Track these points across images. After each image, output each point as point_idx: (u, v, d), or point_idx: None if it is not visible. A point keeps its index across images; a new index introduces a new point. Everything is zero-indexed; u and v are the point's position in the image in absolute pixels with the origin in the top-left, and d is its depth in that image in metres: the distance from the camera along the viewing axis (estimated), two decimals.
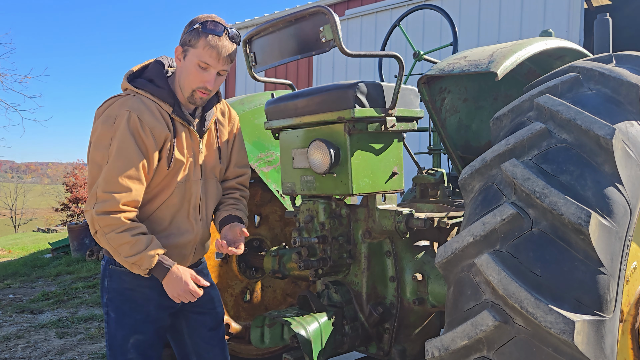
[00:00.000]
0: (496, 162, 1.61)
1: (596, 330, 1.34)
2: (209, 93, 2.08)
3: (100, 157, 1.96)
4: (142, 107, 2.00)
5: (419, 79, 2.17)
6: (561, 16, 6.85)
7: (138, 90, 2.05)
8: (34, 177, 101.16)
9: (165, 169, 2.04)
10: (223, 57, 2.02)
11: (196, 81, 2.03)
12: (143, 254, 1.92)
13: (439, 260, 1.60)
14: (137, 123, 1.96)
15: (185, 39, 2.02)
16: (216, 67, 2.03)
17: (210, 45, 1.98)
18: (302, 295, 2.34)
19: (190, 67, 2.02)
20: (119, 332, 2.11)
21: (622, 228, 1.46)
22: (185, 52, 2.03)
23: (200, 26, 2.00)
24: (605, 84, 1.71)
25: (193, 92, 2.06)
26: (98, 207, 1.91)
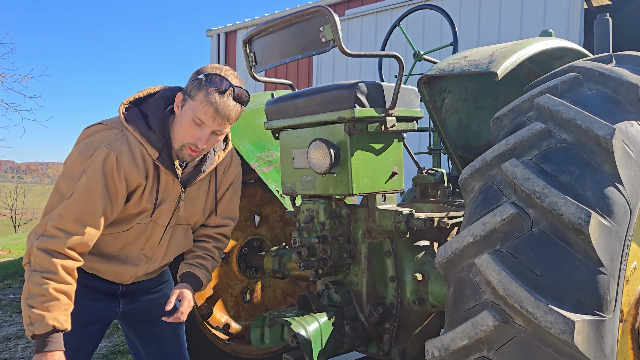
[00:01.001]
0: (496, 162, 1.61)
1: (596, 330, 1.34)
2: (199, 151, 1.92)
3: (66, 188, 1.82)
4: (124, 147, 1.84)
5: (419, 79, 2.17)
6: (561, 16, 6.85)
7: (127, 125, 1.88)
8: (34, 177, 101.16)
9: (131, 210, 1.92)
10: (220, 117, 1.84)
11: (187, 136, 1.87)
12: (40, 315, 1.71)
13: (439, 260, 1.60)
14: (114, 165, 1.82)
15: (187, 88, 1.88)
16: (210, 127, 1.86)
17: (208, 101, 1.82)
18: (302, 295, 2.34)
19: (184, 119, 1.86)
20: None
21: (622, 228, 1.46)
22: (184, 102, 1.88)
23: (205, 78, 1.84)
24: (605, 84, 1.71)
25: (182, 146, 1.90)
26: (42, 241, 1.75)
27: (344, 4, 9.26)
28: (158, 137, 1.89)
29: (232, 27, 11.15)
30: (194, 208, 2.11)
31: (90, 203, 1.79)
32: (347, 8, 9.20)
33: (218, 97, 1.82)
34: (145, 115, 1.92)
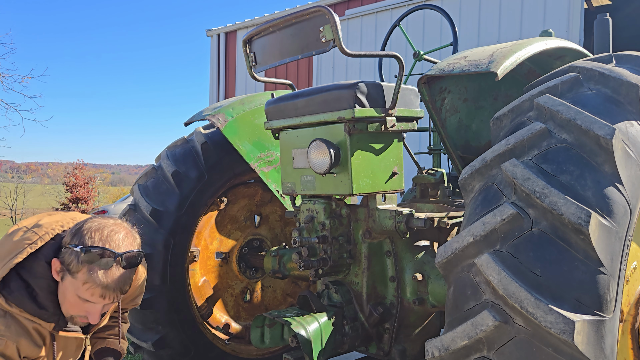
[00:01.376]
0: (496, 162, 1.61)
1: (596, 330, 1.34)
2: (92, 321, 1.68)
3: None
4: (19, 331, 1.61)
5: (419, 79, 2.17)
6: (561, 16, 6.86)
7: (11, 309, 1.60)
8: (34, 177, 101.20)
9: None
10: (111, 293, 1.60)
11: (75, 310, 1.65)
12: None
13: (439, 260, 1.60)
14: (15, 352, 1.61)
15: (64, 258, 1.58)
16: (101, 304, 1.63)
17: (92, 282, 1.56)
18: (302, 295, 2.34)
19: (67, 295, 1.62)
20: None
21: (622, 228, 1.46)
22: (63, 273, 1.60)
23: (82, 252, 1.55)
24: (605, 84, 1.71)
25: (72, 317, 1.68)
26: None
27: (344, 4, 9.26)
28: (52, 312, 1.66)
29: (232, 27, 11.16)
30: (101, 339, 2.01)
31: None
32: (347, 8, 9.20)
33: (102, 274, 1.56)
34: (29, 287, 1.63)
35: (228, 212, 3.12)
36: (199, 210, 2.87)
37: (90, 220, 1.64)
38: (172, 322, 2.80)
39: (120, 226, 1.66)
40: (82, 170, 25.27)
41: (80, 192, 23.66)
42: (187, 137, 3.00)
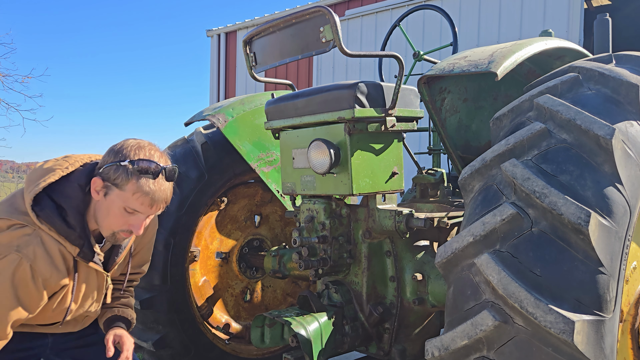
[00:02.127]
0: (496, 162, 1.61)
1: (596, 330, 1.34)
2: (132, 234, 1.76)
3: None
4: (39, 251, 1.61)
5: (419, 79, 2.17)
6: (561, 16, 6.86)
7: (41, 226, 1.64)
8: None
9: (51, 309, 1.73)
10: (158, 203, 1.69)
11: (119, 224, 1.71)
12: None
13: (439, 260, 1.60)
14: (28, 274, 1.59)
15: (108, 174, 1.65)
16: (147, 214, 1.71)
17: (142, 192, 1.64)
18: (302, 295, 2.34)
19: (113, 209, 1.68)
20: None
21: (621, 228, 1.46)
22: (107, 189, 1.67)
23: (130, 165, 1.63)
24: (605, 84, 1.71)
25: (115, 233, 1.74)
26: None
27: (344, 4, 9.26)
28: (79, 234, 1.69)
29: (232, 27, 11.16)
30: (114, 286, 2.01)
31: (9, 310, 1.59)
32: (347, 8, 9.20)
33: (152, 183, 1.65)
34: (60, 207, 1.67)
35: (228, 212, 3.12)
36: (199, 210, 2.88)
37: (127, 141, 1.73)
38: (172, 322, 2.80)
39: (154, 146, 1.76)
40: None
41: None
42: (187, 137, 3.00)
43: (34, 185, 1.66)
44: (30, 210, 1.63)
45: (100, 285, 1.86)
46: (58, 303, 1.73)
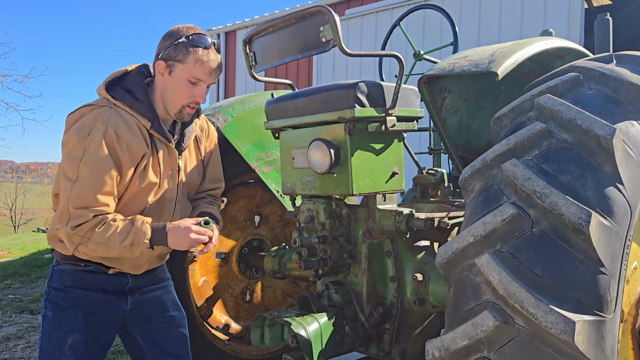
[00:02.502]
0: (497, 162, 1.61)
1: (597, 330, 1.34)
2: (196, 107, 2.04)
3: (71, 171, 1.85)
4: (119, 120, 1.89)
5: (419, 79, 2.17)
6: (561, 16, 6.85)
7: (116, 102, 1.94)
8: (33, 177, 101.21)
9: (137, 185, 1.94)
10: (216, 70, 1.98)
11: (186, 97, 1.97)
12: (134, 229, 1.86)
13: (440, 261, 1.60)
14: (114, 138, 1.86)
15: (170, 54, 1.93)
16: (207, 81, 1.98)
17: (201, 60, 1.92)
18: (302, 295, 2.34)
19: (179, 83, 1.95)
20: (56, 332, 1.97)
21: (622, 228, 1.46)
22: (171, 67, 1.94)
23: (187, 40, 1.91)
24: (605, 83, 1.70)
25: (182, 107, 2.00)
26: (72, 222, 1.83)
27: (344, 4, 9.26)
28: (147, 107, 1.96)
29: (232, 27, 11.15)
30: (191, 175, 2.17)
31: (101, 178, 1.84)
32: (347, 8, 9.20)
33: (207, 53, 1.93)
34: (128, 90, 1.97)
35: (228, 212, 3.11)
36: None
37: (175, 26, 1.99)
38: None
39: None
40: None
41: None
42: None
43: (103, 83, 1.99)
44: (105, 92, 1.94)
45: (175, 168, 2.06)
46: (143, 177, 1.94)
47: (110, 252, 1.88)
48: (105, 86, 1.99)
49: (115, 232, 1.84)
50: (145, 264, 2.12)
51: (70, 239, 1.86)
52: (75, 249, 1.88)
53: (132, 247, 1.87)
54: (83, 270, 1.99)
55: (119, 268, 2.05)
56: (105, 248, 1.86)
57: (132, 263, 2.06)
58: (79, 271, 1.99)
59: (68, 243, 1.88)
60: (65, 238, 1.88)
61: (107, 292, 2.03)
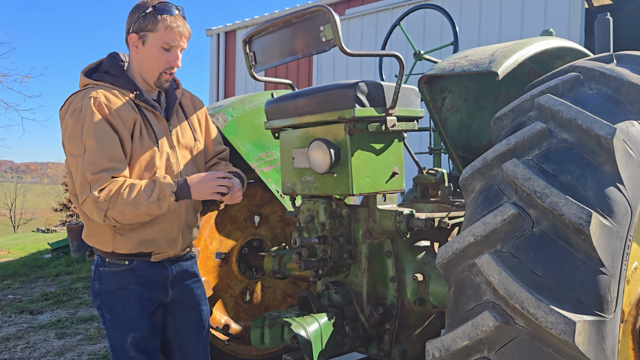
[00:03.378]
0: (497, 162, 1.61)
1: (597, 330, 1.34)
2: (173, 73, 2.14)
3: (76, 148, 1.95)
4: (105, 92, 2.02)
5: (419, 79, 2.17)
6: (562, 16, 6.85)
7: (97, 82, 2.06)
8: (33, 177, 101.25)
9: (139, 150, 2.04)
10: (184, 34, 2.08)
11: (162, 63, 2.08)
12: (158, 184, 1.96)
13: (440, 261, 1.59)
14: (103, 106, 1.97)
15: (140, 25, 2.04)
16: (179, 46, 2.09)
17: (171, 26, 2.03)
18: (302, 295, 2.34)
19: (152, 51, 2.06)
20: (116, 332, 2.12)
21: (623, 228, 1.46)
22: (144, 37, 2.05)
23: (153, 9, 2.03)
24: (606, 83, 1.70)
25: (160, 74, 2.10)
26: (94, 187, 1.91)
27: (344, 4, 9.26)
28: (127, 81, 2.08)
29: (232, 26, 11.15)
30: (185, 138, 2.24)
31: (106, 142, 1.94)
32: (348, 7, 9.20)
33: (174, 19, 2.04)
34: (106, 72, 2.11)
35: (228, 212, 3.11)
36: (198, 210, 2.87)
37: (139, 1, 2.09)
38: None
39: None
40: None
41: None
42: None
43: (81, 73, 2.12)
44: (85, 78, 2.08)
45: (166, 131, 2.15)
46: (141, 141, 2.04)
47: (139, 211, 1.94)
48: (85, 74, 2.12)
49: (140, 190, 1.93)
50: (179, 236, 2.19)
51: (97, 206, 1.92)
52: (105, 217, 1.93)
53: (159, 201, 1.95)
54: (128, 269, 2.10)
55: (157, 250, 2.14)
56: (133, 207, 1.93)
57: (167, 238, 2.14)
58: (124, 271, 2.09)
59: (97, 211, 1.93)
60: (93, 207, 1.93)
61: (152, 286, 2.14)
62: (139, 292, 2.12)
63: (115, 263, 2.10)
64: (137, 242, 2.07)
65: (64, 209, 23.80)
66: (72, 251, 10.32)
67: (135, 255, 2.10)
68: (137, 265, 2.11)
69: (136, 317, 2.12)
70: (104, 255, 2.12)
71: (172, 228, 2.15)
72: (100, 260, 2.14)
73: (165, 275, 2.20)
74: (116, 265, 2.10)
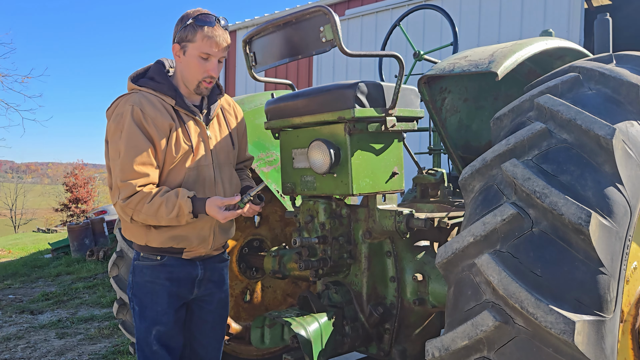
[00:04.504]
0: (496, 162, 1.61)
1: (596, 330, 1.34)
2: (212, 81, 2.21)
3: (114, 152, 2.09)
4: (143, 100, 2.11)
5: (419, 79, 2.17)
6: (561, 16, 6.85)
7: (141, 88, 2.17)
8: (34, 177, 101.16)
9: (173, 155, 2.14)
10: (221, 44, 2.14)
11: (200, 72, 2.15)
12: (178, 204, 2.05)
13: (440, 261, 1.60)
14: (140, 115, 2.07)
15: (182, 36, 2.14)
16: (216, 55, 2.15)
17: (207, 36, 2.10)
18: (302, 295, 2.34)
19: (192, 60, 2.14)
20: (142, 324, 2.21)
21: (622, 228, 1.46)
22: (184, 47, 2.14)
23: (194, 21, 2.11)
24: (605, 83, 1.70)
25: (199, 83, 2.18)
26: (122, 194, 2.04)
27: (344, 4, 9.26)
28: (169, 87, 2.18)
29: (232, 27, 11.14)
30: (222, 143, 2.33)
31: (137, 150, 2.05)
32: (347, 8, 9.20)
33: (212, 30, 2.11)
34: (151, 77, 2.21)
35: None
36: None
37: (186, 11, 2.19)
38: None
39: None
40: (82, 170, 25.27)
41: (80, 192, 23.65)
42: None
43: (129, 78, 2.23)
44: (132, 83, 2.19)
45: (204, 136, 2.24)
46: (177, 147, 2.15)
47: (160, 223, 2.08)
48: (132, 80, 2.23)
49: (162, 205, 2.04)
50: (210, 236, 2.26)
51: (124, 211, 2.08)
52: (131, 219, 2.08)
53: (178, 217, 2.06)
54: (159, 264, 2.19)
55: (188, 247, 2.21)
56: (155, 219, 2.06)
57: (198, 236, 2.22)
58: (156, 265, 2.19)
59: (124, 215, 2.10)
60: (120, 211, 2.10)
61: (180, 283, 2.22)
62: (168, 288, 2.20)
63: (149, 257, 2.20)
64: (169, 237, 2.16)
65: (64, 209, 23.83)
66: (72, 251, 10.33)
67: (166, 250, 2.19)
68: (168, 261, 2.20)
69: (162, 311, 2.20)
70: (138, 250, 2.23)
71: (204, 227, 2.22)
72: (136, 254, 2.25)
73: (194, 274, 2.26)
74: (149, 260, 2.20)
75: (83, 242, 10.34)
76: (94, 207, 21.55)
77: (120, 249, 3.02)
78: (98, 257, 9.59)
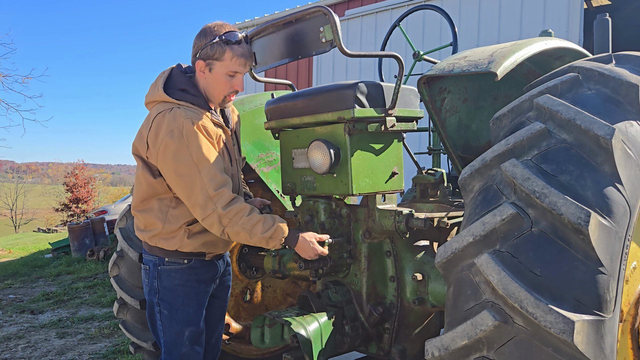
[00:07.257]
0: (496, 162, 1.61)
1: (596, 330, 1.34)
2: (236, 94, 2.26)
3: (187, 168, 2.05)
4: (192, 114, 2.11)
5: (419, 79, 2.17)
6: (561, 16, 6.86)
7: (179, 102, 2.14)
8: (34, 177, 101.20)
9: (228, 163, 2.21)
10: (249, 61, 2.18)
11: (227, 88, 2.17)
12: (276, 226, 2.11)
13: (439, 260, 1.60)
14: (199, 126, 2.09)
15: (208, 53, 2.12)
16: (243, 72, 2.19)
17: (237, 55, 2.11)
18: (302, 295, 2.35)
19: (219, 78, 2.15)
20: (174, 326, 2.22)
21: (621, 228, 1.46)
22: (210, 65, 2.14)
23: (220, 39, 2.10)
24: (604, 84, 1.71)
25: (225, 97, 2.20)
26: (219, 203, 2.05)
27: (343, 4, 9.26)
28: (204, 101, 2.19)
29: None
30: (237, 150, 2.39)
31: (215, 158, 2.09)
32: (347, 8, 9.20)
33: (239, 48, 2.12)
34: (183, 89, 2.19)
35: None
36: None
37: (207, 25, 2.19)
38: None
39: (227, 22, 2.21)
40: (83, 170, 25.24)
41: (81, 192, 23.63)
42: None
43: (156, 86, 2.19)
44: (166, 96, 2.15)
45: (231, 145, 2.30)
46: (224, 155, 2.20)
47: (251, 238, 2.10)
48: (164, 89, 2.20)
49: (260, 222, 2.09)
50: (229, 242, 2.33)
51: (220, 221, 2.07)
52: (223, 232, 2.09)
53: (270, 239, 2.12)
54: (187, 267, 2.22)
55: (214, 251, 2.29)
56: (248, 234, 2.09)
57: (224, 241, 2.28)
58: (184, 269, 2.21)
59: (217, 226, 2.08)
60: (215, 222, 2.07)
61: (207, 283, 2.29)
62: (196, 288, 2.25)
63: (175, 262, 2.21)
64: (201, 243, 2.20)
65: (64, 209, 23.81)
66: (72, 251, 10.32)
67: (195, 254, 2.23)
68: (195, 263, 2.23)
69: (194, 311, 2.24)
70: (163, 255, 2.22)
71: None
72: (159, 260, 2.23)
73: (216, 272, 2.34)
74: (176, 264, 2.22)
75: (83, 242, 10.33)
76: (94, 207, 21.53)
77: (121, 248, 3.02)
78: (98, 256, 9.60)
